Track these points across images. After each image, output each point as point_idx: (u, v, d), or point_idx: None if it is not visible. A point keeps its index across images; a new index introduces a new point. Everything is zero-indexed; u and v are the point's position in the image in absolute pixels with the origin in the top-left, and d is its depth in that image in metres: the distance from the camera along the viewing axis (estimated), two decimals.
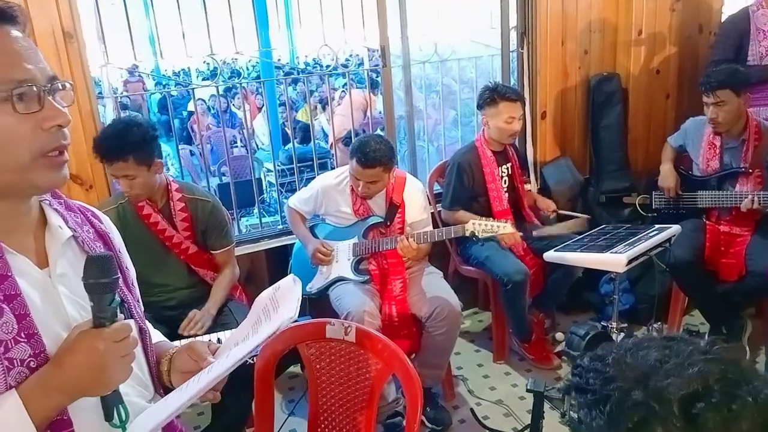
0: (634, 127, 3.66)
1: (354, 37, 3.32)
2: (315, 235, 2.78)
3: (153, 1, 3.03)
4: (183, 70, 11.68)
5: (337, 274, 2.68)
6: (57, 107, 0.90)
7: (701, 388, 0.67)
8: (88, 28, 2.53)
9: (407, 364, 1.63)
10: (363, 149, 2.48)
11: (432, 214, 2.93)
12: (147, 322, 1.14)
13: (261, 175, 5.57)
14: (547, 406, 1.90)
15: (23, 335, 0.89)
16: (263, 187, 5.45)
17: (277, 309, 1.07)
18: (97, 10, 2.67)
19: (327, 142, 5.86)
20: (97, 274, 0.90)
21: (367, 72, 4.09)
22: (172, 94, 7.58)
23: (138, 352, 1.02)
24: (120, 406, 0.93)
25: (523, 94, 3.25)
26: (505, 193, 3.00)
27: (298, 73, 8.45)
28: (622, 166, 3.58)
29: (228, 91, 7.77)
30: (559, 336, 3.19)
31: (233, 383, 1.11)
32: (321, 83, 7.69)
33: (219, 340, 1.98)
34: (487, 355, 3.16)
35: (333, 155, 3.81)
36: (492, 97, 2.87)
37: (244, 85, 7.41)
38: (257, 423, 1.79)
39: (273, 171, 4.14)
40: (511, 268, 2.77)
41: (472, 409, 2.75)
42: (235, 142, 6.75)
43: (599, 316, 3.21)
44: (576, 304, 3.38)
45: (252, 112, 7.29)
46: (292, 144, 4.20)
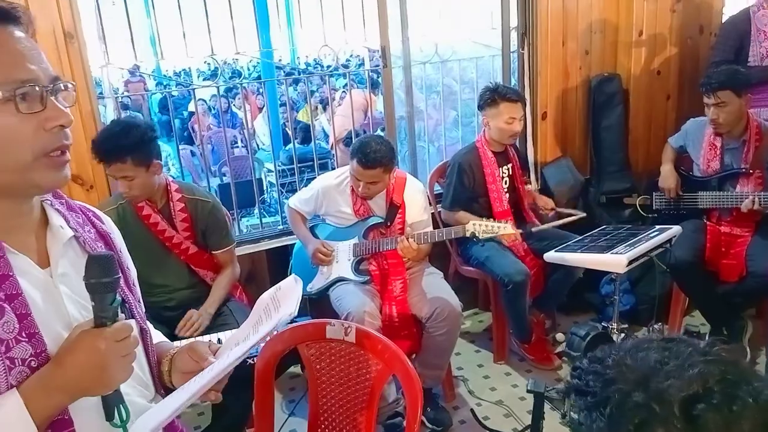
0: (634, 128, 3.66)
1: (355, 38, 3.32)
2: (315, 236, 2.77)
3: (154, 1, 3.03)
4: (184, 71, 11.69)
5: (337, 274, 2.68)
6: (59, 107, 0.90)
7: (702, 389, 0.67)
8: (88, 28, 2.53)
9: (407, 364, 1.62)
10: (364, 150, 2.48)
11: (432, 214, 2.92)
12: (148, 322, 1.14)
13: (261, 176, 5.57)
14: (547, 407, 1.90)
15: (24, 335, 0.89)
16: (264, 188, 5.44)
17: (278, 308, 1.08)
18: (98, 10, 2.67)
19: (327, 143, 5.85)
20: (98, 273, 0.90)
21: (368, 72, 4.09)
22: (172, 94, 7.60)
23: (139, 352, 1.02)
24: (121, 406, 0.93)
25: (523, 94, 3.24)
26: (506, 194, 3.00)
27: (298, 74, 8.45)
28: (622, 167, 3.57)
29: (229, 92, 7.78)
30: (560, 337, 3.19)
31: (233, 383, 1.11)
32: (322, 83, 7.69)
33: (219, 340, 1.98)
34: (487, 355, 3.16)
35: (333, 155, 3.81)
36: (493, 97, 2.87)
37: (244, 85, 7.42)
38: (257, 423, 1.79)
39: (273, 171, 4.14)
40: (511, 268, 2.77)
41: (473, 409, 2.75)
42: (235, 143, 6.75)
43: (600, 317, 3.21)
44: (576, 304, 3.38)
45: (253, 113, 7.29)
46: (293, 144, 4.20)
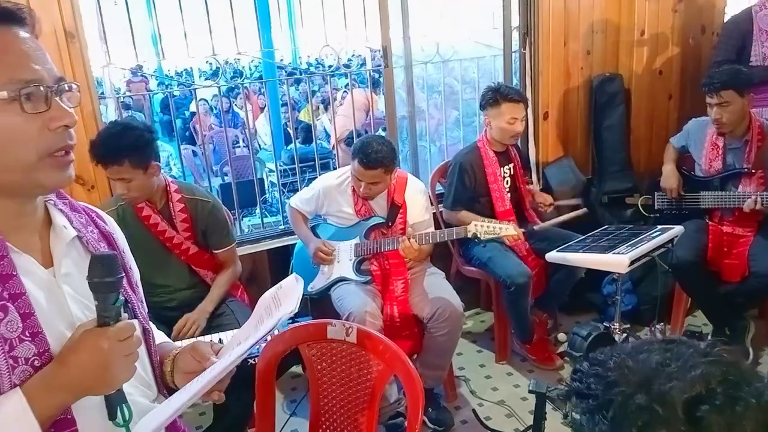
0: (636, 128, 3.65)
1: (356, 38, 3.32)
2: (317, 236, 2.77)
3: (155, 1, 3.03)
4: (186, 70, 11.69)
5: (338, 274, 2.68)
6: (64, 108, 0.91)
7: (704, 390, 0.67)
8: (90, 28, 2.53)
9: (408, 365, 1.62)
10: (365, 150, 2.48)
11: (433, 214, 2.92)
12: (150, 322, 1.14)
13: (263, 175, 5.57)
14: (549, 407, 1.89)
15: (28, 334, 0.89)
16: (265, 187, 5.45)
17: (279, 307, 1.08)
18: (99, 9, 2.67)
19: (329, 143, 5.86)
20: (101, 273, 0.90)
21: (369, 72, 4.09)
22: (174, 94, 7.61)
23: (142, 353, 1.03)
24: (123, 406, 0.93)
25: (525, 94, 3.24)
26: (508, 194, 2.99)
27: (300, 73, 8.45)
28: (624, 167, 3.57)
29: (230, 91, 7.78)
30: (562, 337, 3.19)
31: (235, 384, 1.11)
32: (323, 83, 7.70)
33: (220, 340, 1.98)
34: (489, 355, 3.16)
35: (335, 155, 3.81)
36: (494, 97, 2.86)
37: (246, 85, 7.43)
38: (258, 423, 1.79)
39: (275, 171, 4.14)
40: (513, 270, 2.77)
41: (474, 409, 2.74)
42: (237, 142, 6.75)
43: (602, 317, 3.21)
44: (578, 304, 3.37)
45: (254, 113, 7.30)
46: (294, 144, 4.22)
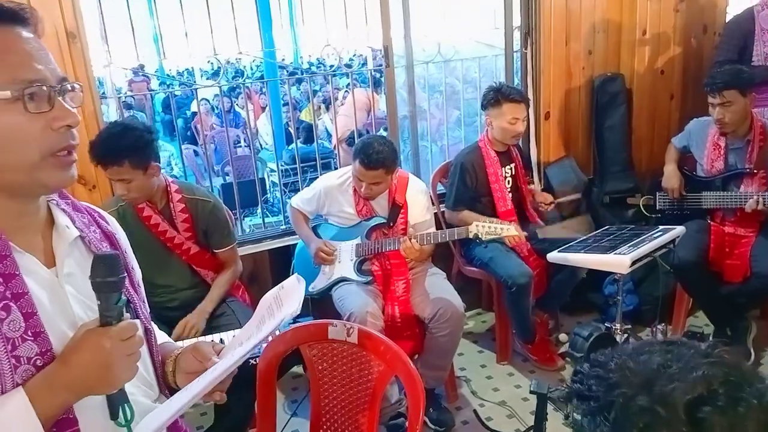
0: (638, 128, 3.65)
1: (357, 37, 3.31)
2: (318, 236, 2.77)
3: (156, 1, 3.03)
4: (187, 70, 11.69)
5: (339, 274, 2.68)
6: (67, 108, 0.91)
7: (706, 391, 0.67)
8: (91, 28, 2.53)
9: (409, 365, 1.62)
10: (366, 151, 2.48)
11: (435, 214, 2.92)
12: (152, 322, 1.14)
13: (264, 175, 5.57)
14: (550, 408, 1.89)
15: (30, 333, 0.90)
16: (266, 187, 5.45)
17: (281, 307, 1.08)
18: (101, 10, 2.67)
19: (330, 142, 5.86)
20: (104, 272, 0.90)
21: (371, 72, 4.09)
22: (175, 93, 7.61)
23: (143, 353, 1.03)
24: (125, 405, 0.93)
25: (526, 94, 3.24)
26: (509, 194, 2.99)
27: (301, 73, 8.46)
28: (626, 167, 3.57)
29: (232, 91, 7.79)
30: (563, 337, 3.19)
31: (236, 384, 1.11)
32: (324, 83, 7.70)
33: (222, 340, 1.98)
34: (490, 356, 3.16)
35: (336, 155, 3.80)
36: (496, 98, 2.86)
37: (247, 84, 7.44)
38: (260, 423, 1.79)
39: (276, 171, 4.14)
40: (515, 270, 2.76)
41: (475, 410, 2.74)
42: (238, 142, 6.75)
43: (603, 317, 3.20)
44: (580, 305, 3.37)
45: (255, 112, 7.30)
46: (295, 144, 4.22)
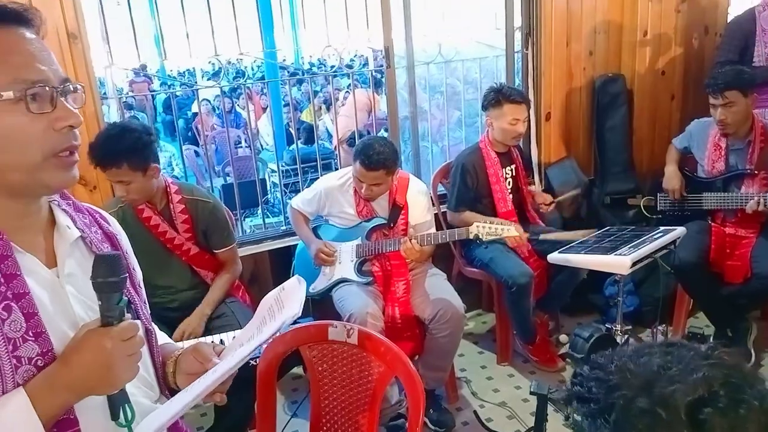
0: (639, 129, 3.65)
1: (358, 38, 3.31)
2: (318, 236, 2.77)
3: (158, 2, 3.03)
4: (188, 71, 11.69)
5: (340, 275, 2.68)
6: (69, 108, 0.92)
7: (707, 393, 0.66)
8: (92, 28, 2.53)
9: (409, 366, 1.62)
10: (367, 152, 2.48)
11: (435, 215, 2.92)
12: (153, 323, 1.14)
13: (265, 176, 5.57)
14: (550, 409, 1.89)
15: (31, 334, 0.90)
16: (267, 188, 5.45)
17: (282, 309, 1.08)
18: (102, 10, 2.67)
19: (331, 143, 5.86)
20: (105, 272, 0.90)
21: (372, 72, 4.09)
22: (176, 94, 7.61)
23: (144, 353, 1.03)
24: (126, 406, 0.93)
25: (527, 95, 3.24)
26: (509, 195, 2.99)
27: (302, 74, 8.46)
28: (626, 168, 3.56)
29: (233, 92, 7.79)
30: (563, 338, 3.19)
31: (236, 385, 1.11)
32: (325, 84, 7.70)
33: (222, 341, 1.98)
34: (490, 357, 3.15)
35: (337, 156, 3.80)
36: (496, 98, 2.86)
37: (248, 85, 7.44)
38: (259, 424, 1.79)
39: (277, 171, 4.15)
40: (515, 270, 2.76)
41: (476, 411, 2.74)
42: (239, 143, 6.76)
43: (603, 318, 3.20)
44: (580, 305, 3.36)
45: (256, 113, 7.31)
46: (296, 144, 4.22)
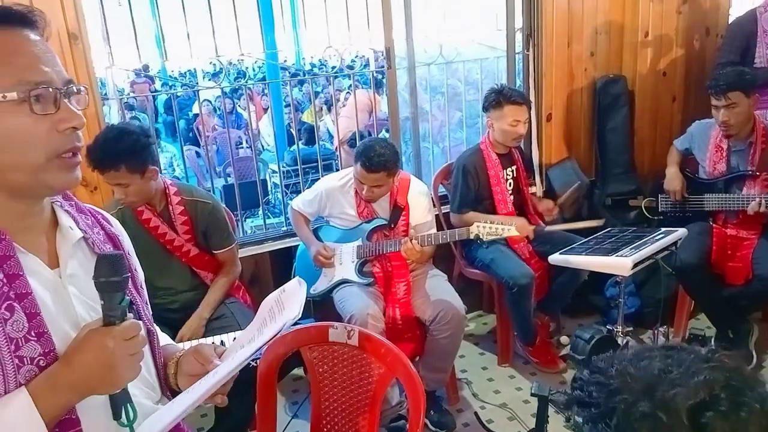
0: (640, 130, 3.64)
1: (359, 39, 3.31)
2: (319, 238, 2.77)
3: (158, 2, 3.03)
4: (189, 71, 11.70)
5: (340, 276, 2.67)
6: (72, 110, 0.92)
7: (708, 396, 0.66)
8: (93, 29, 2.53)
9: (410, 368, 1.62)
10: (367, 153, 2.48)
11: (436, 216, 2.91)
12: (155, 324, 1.15)
13: (266, 177, 5.57)
14: (551, 410, 1.89)
15: (33, 334, 0.90)
16: (268, 189, 5.45)
17: (282, 311, 1.08)
18: (102, 11, 2.67)
19: (332, 144, 5.86)
20: (107, 272, 0.91)
21: (373, 73, 4.09)
22: (177, 95, 7.62)
23: (146, 354, 1.03)
24: (128, 405, 0.93)
25: (528, 96, 3.23)
26: (510, 196, 2.98)
27: (303, 75, 8.46)
28: (628, 169, 3.56)
29: (234, 92, 7.79)
30: (564, 339, 3.18)
31: (237, 386, 1.11)
32: (326, 84, 7.70)
33: (222, 342, 1.98)
34: (491, 358, 3.15)
35: (338, 156, 3.80)
36: (497, 99, 2.85)
37: (249, 86, 7.45)
38: (260, 425, 1.79)
39: (278, 172, 4.14)
40: (516, 271, 2.76)
41: (476, 412, 2.74)
42: (240, 143, 6.76)
43: (604, 320, 3.20)
44: (581, 307, 3.36)
45: (257, 113, 7.31)
46: (297, 145, 4.21)
